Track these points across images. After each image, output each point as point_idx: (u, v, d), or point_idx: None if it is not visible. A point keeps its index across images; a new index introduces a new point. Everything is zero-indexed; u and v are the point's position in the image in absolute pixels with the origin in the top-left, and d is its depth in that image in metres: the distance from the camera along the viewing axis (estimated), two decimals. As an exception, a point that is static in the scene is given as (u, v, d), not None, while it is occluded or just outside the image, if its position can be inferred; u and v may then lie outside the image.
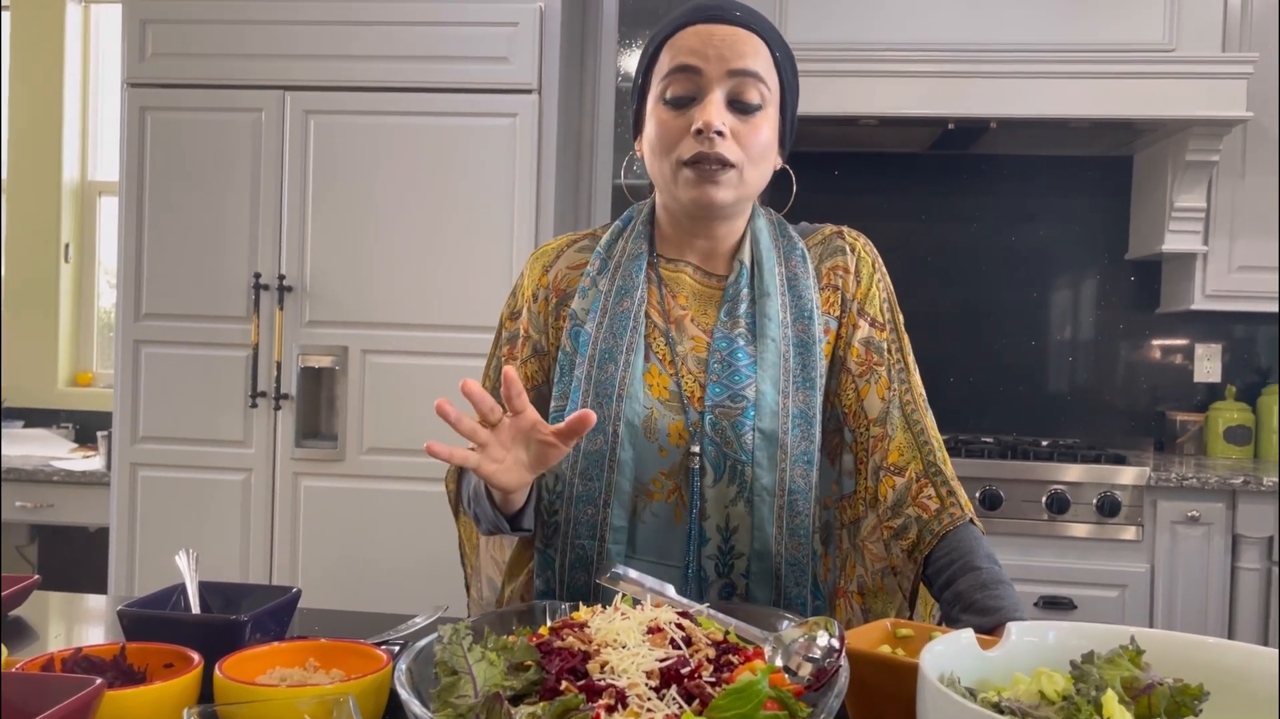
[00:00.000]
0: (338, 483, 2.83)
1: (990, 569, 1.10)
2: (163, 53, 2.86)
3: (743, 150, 1.16)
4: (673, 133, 1.17)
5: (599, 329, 1.22)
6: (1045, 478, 2.76)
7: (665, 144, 1.18)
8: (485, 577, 1.35)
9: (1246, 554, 2.72)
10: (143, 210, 2.87)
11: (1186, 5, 2.91)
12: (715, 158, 1.15)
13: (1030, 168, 3.36)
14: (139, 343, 2.88)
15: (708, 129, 1.14)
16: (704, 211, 1.20)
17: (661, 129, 1.18)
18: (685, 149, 1.16)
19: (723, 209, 1.20)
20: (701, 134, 1.14)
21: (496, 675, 0.78)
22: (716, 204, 1.18)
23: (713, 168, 1.15)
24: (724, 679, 0.78)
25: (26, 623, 1.23)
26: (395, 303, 2.80)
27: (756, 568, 1.19)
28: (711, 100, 1.15)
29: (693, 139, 1.15)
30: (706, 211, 1.20)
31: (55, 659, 0.88)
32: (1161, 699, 0.73)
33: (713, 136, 1.14)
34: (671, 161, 1.18)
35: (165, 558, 2.87)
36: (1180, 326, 3.35)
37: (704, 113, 1.15)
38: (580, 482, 1.20)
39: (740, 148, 1.16)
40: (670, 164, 1.18)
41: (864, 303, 1.26)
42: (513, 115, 2.77)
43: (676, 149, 1.17)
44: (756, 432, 1.18)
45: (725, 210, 1.21)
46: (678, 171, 1.18)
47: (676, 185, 1.19)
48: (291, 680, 0.89)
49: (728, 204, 1.19)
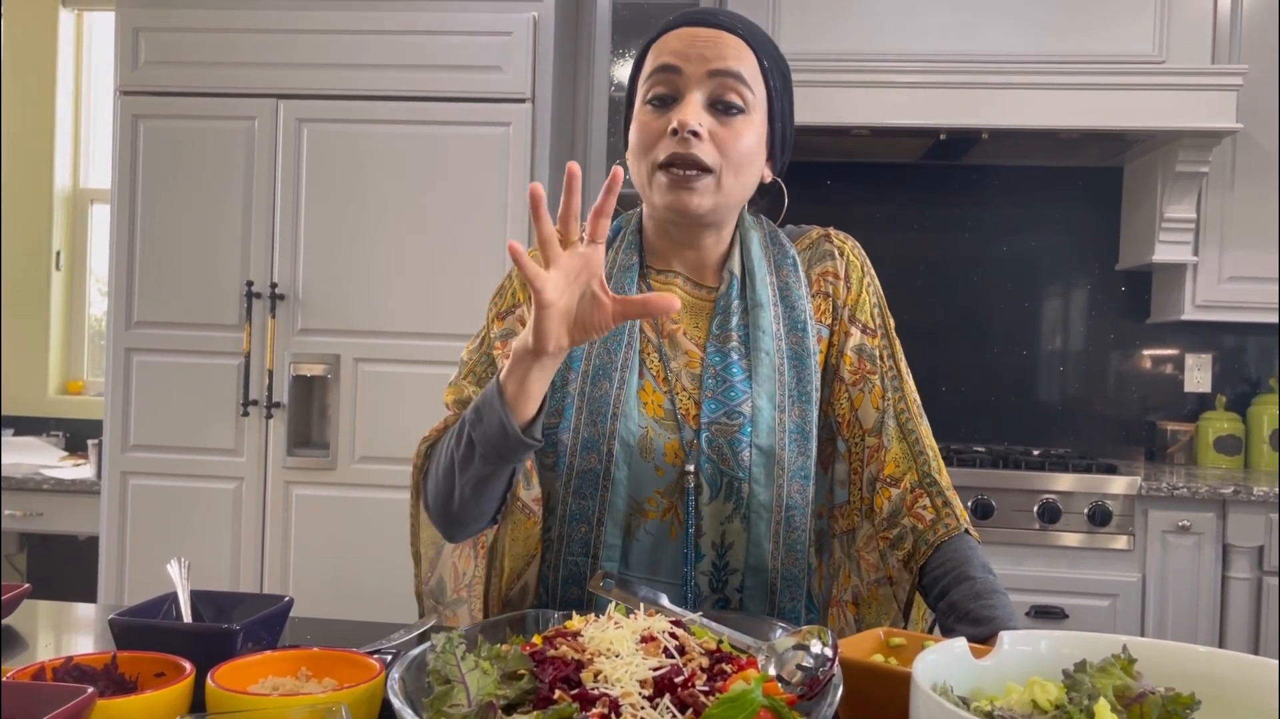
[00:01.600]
0: (329, 492, 2.82)
1: (984, 579, 1.10)
2: (155, 61, 2.86)
3: (721, 154, 1.13)
4: (651, 133, 1.15)
5: (592, 344, 1.19)
6: (1036, 487, 2.77)
7: (644, 145, 1.16)
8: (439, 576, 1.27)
9: (1237, 564, 2.73)
10: (135, 218, 2.87)
11: (1176, 17, 2.94)
12: (691, 159, 1.12)
13: (1021, 178, 3.38)
14: (130, 351, 2.87)
15: (682, 128, 1.11)
16: (681, 218, 1.17)
17: (641, 130, 1.16)
18: (662, 150, 1.13)
19: (700, 216, 1.16)
20: (677, 134, 1.11)
21: (490, 684, 0.77)
22: (692, 210, 1.14)
23: (689, 173, 1.12)
24: (717, 688, 0.78)
25: (16, 632, 1.22)
26: (387, 311, 2.80)
27: (751, 583, 1.18)
28: (690, 100, 1.13)
29: (669, 140, 1.13)
30: (683, 218, 1.17)
31: (46, 668, 0.87)
32: (1154, 708, 0.73)
33: (688, 137, 1.11)
34: (649, 164, 1.15)
35: (155, 567, 2.86)
36: (1171, 337, 3.36)
37: (680, 112, 1.12)
38: (574, 499, 1.18)
39: (719, 152, 1.13)
40: (647, 166, 1.16)
41: (855, 309, 1.25)
42: (506, 124, 2.77)
43: (654, 150, 1.14)
44: (754, 448, 1.16)
45: (703, 218, 1.17)
46: (653, 174, 1.15)
47: (652, 189, 1.16)
48: (284, 689, 0.89)
49: (704, 211, 1.15)
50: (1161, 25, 2.94)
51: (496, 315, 1.28)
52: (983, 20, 2.96)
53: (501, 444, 1.04)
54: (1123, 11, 2.94)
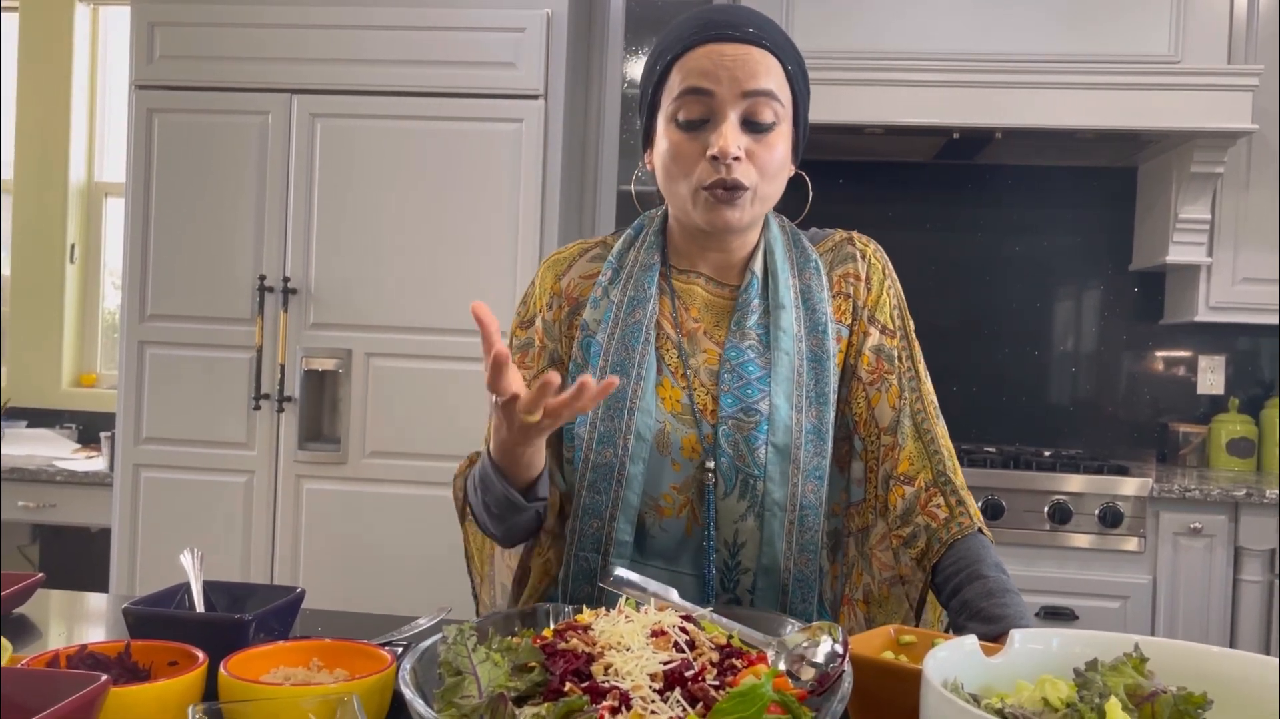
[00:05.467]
0: (340, 486, 2.83)
1: (997, 578, 1.10)
2: (170, 55, 2.87)
3: (758, 171, 1.15)
4: (687, 157, 1.15)
5: (610, 340, 1.21)
6: (1047, 488, 2.76)
7: (681, 168, 1.16)
8: (499, 583, 1.32)
9: (1249, 566, 2.72)
10: (149, 212, 2.88)
11: (1192, 17, 2.92)
12: (733, 183, 1.13)
13: (1035, 178, 3.37)
14: (143, 344, 2.89)
15: (724, 156, 1.12)
16: (720, 233, 1.19)
17: (675, 151, 1.16)
18: (703, 174, 1.14)
19: (740, 231, 1.20)
20: (718, 160, 1.12)
21: (501, 676, 0.78)
22: (733, 227, 1.17)
23: (730, 192, 1.14)
24: (728, 683, 0.78)
25: (30, 621, 1.23)
26: (399, 306, 2.80)
27: (763, 583, 1.18)
28: (727, 125, 1.13)
29: (709, 164, 1.13)
30: (723, 233, 1.19)
31: (61, 656, 0.88)
32: (1165, 707, 0.73)
33: (730, 163, 1.12)
34: (689, 185, 1.16)
35: (167, 559, 2.88)
36: (1184, 338, 3.35)
37: (720, 139, 1.12)
38: (588, 494, 1.19)
39: (755, 169, 1.15)
40: (688, 188, 1.16)
41: (875, 310, 1.26)
42: (519, 121, 2.77)
43: (693, 174, 1.15)
44: (770, 446, 1.17)
45: (743, 231, 1.21)
46: (695, 195, 1.16)
47: (694, 209, 1.17)
48: (296, 679, 0.89)
49: (744, 225, 1.18)
50: (1177, 25, 2.92)
51: (519, 324, 1.30)
52: (997, 19, 2.95)
53: (510, 509, 1.13)
54: (1138, 11, 2.92)
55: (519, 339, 1.29)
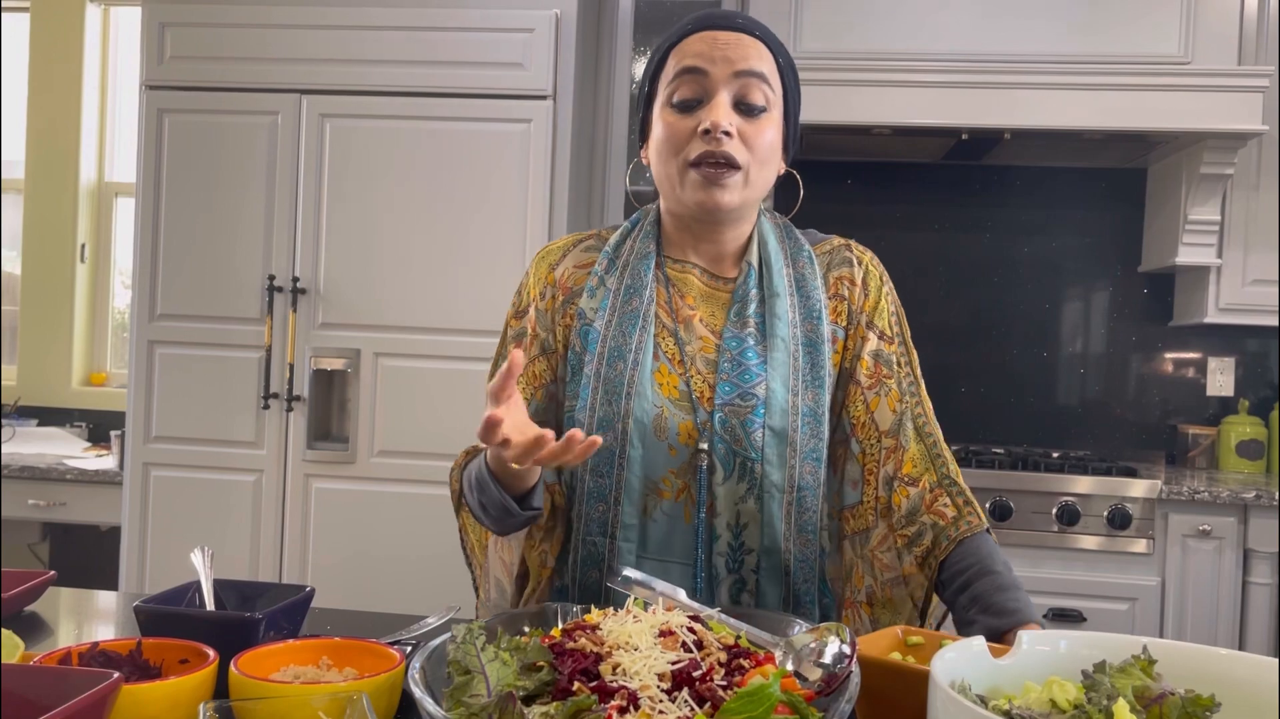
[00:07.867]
0: (349, 485, 2.83)
1: (1008, 575, 1.12)
2: (181, 56, 2.88)
3: (749, 151, 1.18)
4: (680, 135, 1.19)
5: (608, 327, 1.23)
6: (1056, 489, 2.75)
7: (673, 146, 1.20)
8: (494, 578, 1.35)
9: (1258, 569, 2.71)
10: (159, 212, 2.89)
11: (1202, 18, 2.91)
12: (722, 156, 1.16)
13: (1044, 179, 3.36)
14: (153, 343, 2.90)
15: (715, 129, 1.15)
16: (710, 215, 1.21)
17: (669, 131, 1.20)
18: (692, 149, 1.18)
19: (729, 212, 1.21)
20: (709, 134, 1.16)
21: (509, 675, 0.78)
22: (723, 206, 1.19)
23: (719, 170, 1.17)
24: (735, 683, 0.79)
25: (41, 618, 1.24)
26: (408, 306, 2.81)
27: (766, 564, 1.20)
28: (718, 101, 1.17)
29: (700, 139, 1.17)
30: (712, 215, 1.21)
31: (72, 653, 0.89)
32: (1173, 709, 0.73)
33: (720, 136, 1.16)
34: (679, 163, 1.19)
35: (176, 558, 2.89)
36: (1193, 340, 3.34)
37: (711, 113, 1.16)
38: (592, 478, 1.21)
39: (747, 149, 1.18)
40: (677, 165, 1.20)
41: (873, 315, 1.28)
42: (527, 121, 2.78)
43: (684, 150, 1.19)
44: (766, 429, 1.19)
45: (731, 214, 1.22)
46: (684, 173, 1.19)
47: (683, 188, 1.20)
48: (305, 678, 0.90)
49: (734, 207, 1.20)
50: (1187, 26, 2.91)
51: (514, 314, 1.34)
52: (1005, 20, 2.94)
53: (506, 517, 1.14)
54: (1148, 12, 2.91)
55: (513, 328, 1.33)
